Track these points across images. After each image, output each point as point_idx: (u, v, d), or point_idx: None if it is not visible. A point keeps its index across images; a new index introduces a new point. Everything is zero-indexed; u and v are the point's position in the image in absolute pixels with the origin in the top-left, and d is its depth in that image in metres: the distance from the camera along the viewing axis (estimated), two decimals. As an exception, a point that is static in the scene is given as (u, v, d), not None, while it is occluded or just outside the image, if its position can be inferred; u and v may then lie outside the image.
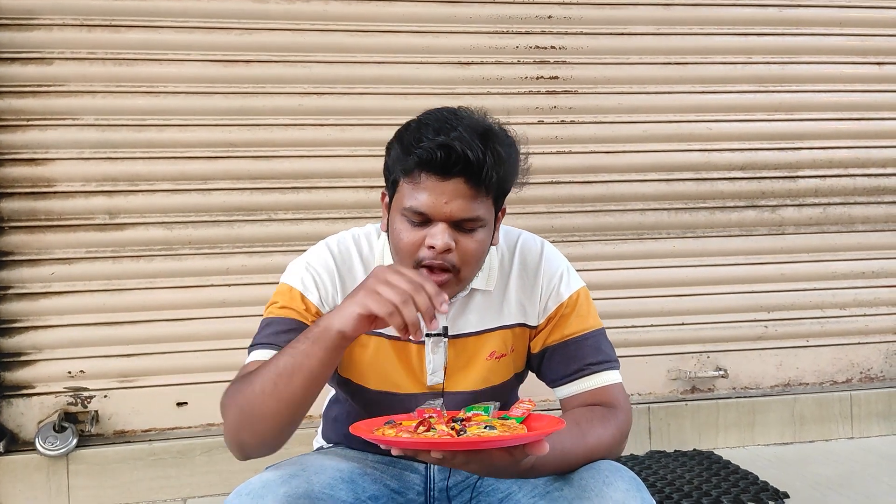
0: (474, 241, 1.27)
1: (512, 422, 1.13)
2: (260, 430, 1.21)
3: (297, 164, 2.67)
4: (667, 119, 2.91)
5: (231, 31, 2.62)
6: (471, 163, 1.21)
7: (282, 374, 1.16)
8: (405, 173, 1.26)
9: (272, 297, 1.38)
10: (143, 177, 2.58)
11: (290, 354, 1.17)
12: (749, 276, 2.98)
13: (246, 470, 1.45)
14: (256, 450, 1.24)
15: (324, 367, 1.16)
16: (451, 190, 1.23)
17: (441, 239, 1.23)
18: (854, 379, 3.07)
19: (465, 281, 1.32)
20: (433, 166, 1.22)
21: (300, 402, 1.18)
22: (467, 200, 1.24)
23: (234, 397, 1.22)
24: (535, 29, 2.81)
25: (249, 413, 1.19)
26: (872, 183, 3.06)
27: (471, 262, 1.28)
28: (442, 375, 1.40)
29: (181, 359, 2.60)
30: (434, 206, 1.23)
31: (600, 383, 1.37)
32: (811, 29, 3.00)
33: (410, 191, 1.25)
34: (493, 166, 1.23)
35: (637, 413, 2.83)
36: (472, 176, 1.23)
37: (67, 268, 2.54)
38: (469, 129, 1.23)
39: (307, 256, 1.40)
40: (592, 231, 2.87)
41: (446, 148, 1.21)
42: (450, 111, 1.29)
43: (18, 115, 2.51)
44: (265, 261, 2.64)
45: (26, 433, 2.52)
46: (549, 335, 1.41)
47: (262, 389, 1.17)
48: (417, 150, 1.22)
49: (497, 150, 1.25)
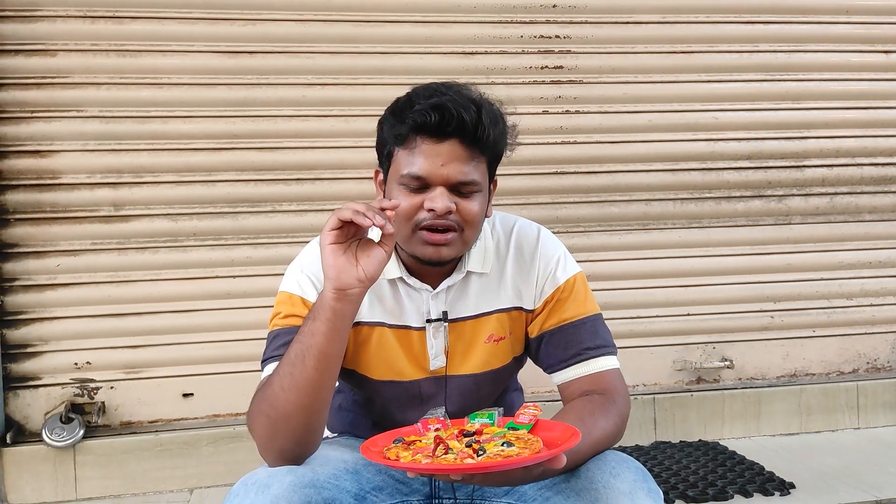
0: (474, 203, 1.29)
1: (523, 432, 1.13)
2: (292, 430, 1.20)
3: (301, 156, 2.67)
4: (672, 108, 2.90)
5: (235, 22, 2.61)
6: (465, 122, 1.24)
7: (294, 363, 1.17)
8: (400, 140, 1.28)
9: (274, 307, 1.38)
10: (147, 168, 2.58)
11: (297, 342, 1.18)
12: (755, 266, 2.97)
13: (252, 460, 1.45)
14: (295, 453, 1.23)
15: (331, 342, 1.17)
16: (447, 152, 1.25)
17: (441, 202, 1.25)
18: (860, 369, 3.06)
19: (468, 243, 1.33)
20: (428, 129, 1.24)
21: (318, 385, 1.18)
22: (463, 162, 1.26)
23: (257, 409, 1.22)
24: (540, 18, 2.80)
25: (276, 417, 1.19)
26: (879, 172, 3.04)
27: (472, 223, 1.30)
28: (444, 360, 1.40)
29: (187, 350, 2.61)
30: (431, 170, 1.25)
31: (598, 368, 1.37)
32: (818, 17, 2.97)
33: (406, 157, 1.27)
34: (487, 125, 1.26)
35: (642, 404, 2.83)
36: (467, 136, 1.25)
37: (73, 259, 2.54)
38: (459, 94, 1.27)
39: (299, 260, 1.41)
40: (598, 221, 2.86)
41: (440, 109, 1.23)
42: (438, 83, 1.31)
43: (23, 107, 2.50)
44: (270, 252, 2.64)
45: (33, 424, 2.53)
46: (546, 319, 1.41)
47: (281, 385, 1.18)
48: (411, 114, 1.24)
49: (490, 111, 1.28)
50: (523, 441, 1.09)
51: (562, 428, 1.14)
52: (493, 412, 1.20)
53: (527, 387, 1.64)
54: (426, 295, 1.39)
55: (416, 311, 1.40)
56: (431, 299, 1.39)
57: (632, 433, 2.81)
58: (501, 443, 1.08)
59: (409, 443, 1.14)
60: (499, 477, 1.08)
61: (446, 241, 1.28)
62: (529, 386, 1.65)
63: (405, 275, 1.38)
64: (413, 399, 1.42)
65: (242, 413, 2.58)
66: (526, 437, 1.11)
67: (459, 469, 1.02)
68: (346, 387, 1.51)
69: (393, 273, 1.37)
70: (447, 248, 1.29)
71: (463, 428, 1.16)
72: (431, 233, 1.27)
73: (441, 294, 1.39)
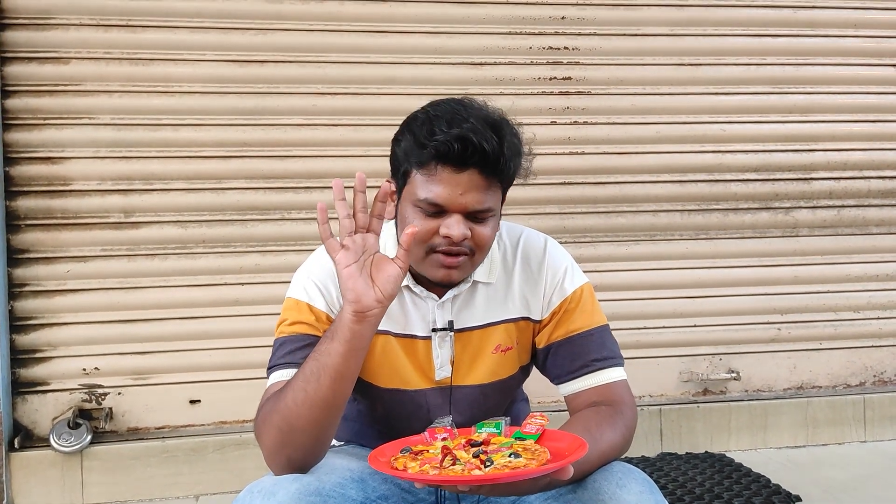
0: (487, 228, 1.30)
1: (530, 442, 1.13)
2: (302, 442, 1.20)
3: (310, 164, 2.68)
4: (680, 120, 2.90)
5: (246, 32, 2.63)
6: (487, 154, 1.23)
7: (309, 380, 1.17)
8: (419, 165, 1.27)
9: (281, 314, 1.38)
10: (158, 176, 2.60)
11: (313, 359, 1.18)
12: (762, 278, 2.96)
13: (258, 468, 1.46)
14: (302, 462, 1.23)
15: (348, 363, 1.17)
16: (466, 181, 1.25)
17: (457, 230, 1.25)
18: (867, 382, 3.05)
19: (477, 264, 1.35)
20: (449, 159, 1.24)
21: (332, 403, 1.18)
22: (481, 192, 1.26)
23: (268, 419, 1.22)
24: (549, 30, 2.81)
25: (288, 430, 1.19)
26: (887, 185, 3.04)
27: (484, 247, 1.32)
28: (449, 370, 1.40)
29: (195, 357, 2.62)
30: (450, 198, 1.25)
31: (605, 380, 1.37)
32: (826, 30, 2.98)
33: (425, 182, 1.26)
34: (507, 157, 1.26)
35: (648, 415, 2.82)
36: (487, 167, 1.25)
37: (82, 266, 2.56)
38: (481, 120, 1.25)
39: (306, 267, 1.41)
40: (605, 232, 2.87)
41: (463, 140, 1.22)
42: (457, 102, 1.30)
43: (35, 114, 2.53)
44: (279, 260, 2.65)
45: (41, 429, 2.54)
46: (554, 331, 1.41)
47: (294, 400, 1.18)
48: (433, 142, 1.23)
49: (510, 141, 1.28)
50: (530, 452, 1.09)
51: (569, 439, 1.14)
52: (500, 421, 1.20)
53: (532, 397, 1.65)
54: (432, 304, 1.39)
55: (422, 320, 1.40)
56: (437, 308, 1.39)
57: (638, 444, 2.80)
58: (509, 454, 1.08)
59: (417, 453, 1.14)
60: (506, 487, 1.08)
61: (458, 265, 1.29)
62: (535, 396, 1.65)
63: (411, 283, 1.38)
64: (419, 409, 1.42)
65: (249, 420, 2.60)
66: (533, 447, 1.11)
67: (467, 480, 1.02)
68: (352, 396, 1.51)
69: None
70: (458, 271, 1.30)
71: (470, 438, 1.16)
72: (446, 256, 1.28)
73: (447, 303, 1.39)
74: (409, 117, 1.33)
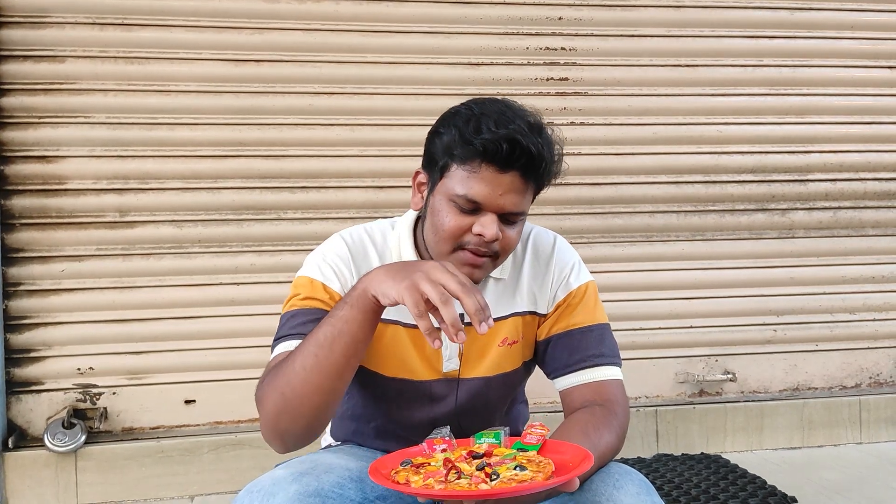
0: (515, 231, 1.31)
1: (534, 454, 1.12)
2: (302, 412, 1.18)
3: (306, 164, 2.67)
4: (677, 121, 2.91)
5: (242, 31, 2.62)
6: (532, 157, 1.24)
7: (322, 345, 1.15)
8: (462, 161, 1.26)
9: (291, 290, 1.36)
10: (153, 175, 2.59)
11: (328, 324, 1.16)
12: (758, 280, 2.97)
13: (254, 468, 1.46)
14: (296, 437, 1.22)
15: (364, 331, 1.16)
16: (507, 183, 1.25)
17: (492, 230, 1.26)
18: (863, 384, 3.06)
19: (498, 266, 1.35)
20: (496, 158, 1.24)
21: (342, 372, 1.17)
22: (519, 194, 1.27)
23: (272, 383, 1.20)
24: (546, 30, 2.81)
25: (291, 396, 1.17)
26: (883, 187, 3.05)
27: (509, 251, 1.32)
28: (457, 362, 1.40)
29: (190, 357, 2.61)
30: (489, 197, 1.25)
31: (601, 377, 1.37)
32: (822, 32, 2.99)
33: (465, 178, 1.26)
34: (548, 161, 1.27)
35: (644, 416, 2.83)
36: (529, 171, 1.26)
37: (78, 265, 2.55)
38: (526, 122, 1.26)
39: (322, 249, 1.40)
40: (601, 233, 2.87)
41: (511, 142, 1.22)
42: (501, 102, 1.30)
43: (30, 113, 2.52)
44: (274, 260, 2.65)
45: (35, 429, 2.53)
46: (555, 323, 1.42)
47: (304, 365, 1.16)
48: (479, 140, 1.23)
49: (551, 148, 1.29)
50: (535, 464, 1.08)
51: (573, 451, 1.13)
52: (499, 431, 1.19)
53: (530, 398, 1.64)
54: None
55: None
56: None
57: (634, 445, 2.80)
58: (514, 466, 1.07)
59: (419, 465, 1.11)
60: (511, 500, 1.08)
61: (482, 265, 1.29)
62: (532, 397, 1.65)
63: None
64: (422, 398, 1.42)
65: (244, 420, 2.60)
66: (537, 458, 1.10)
67: (473, 495, 1.00)
68: (351, 392, 1.50)
69: None
70: (480, 271, 1.30)
71: (472, 449, 1.15)
72: (474, 255, 1.28)
73: None
74: (451, 111, 1.32)
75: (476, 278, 1.31)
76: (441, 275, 1.08)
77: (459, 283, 1.08)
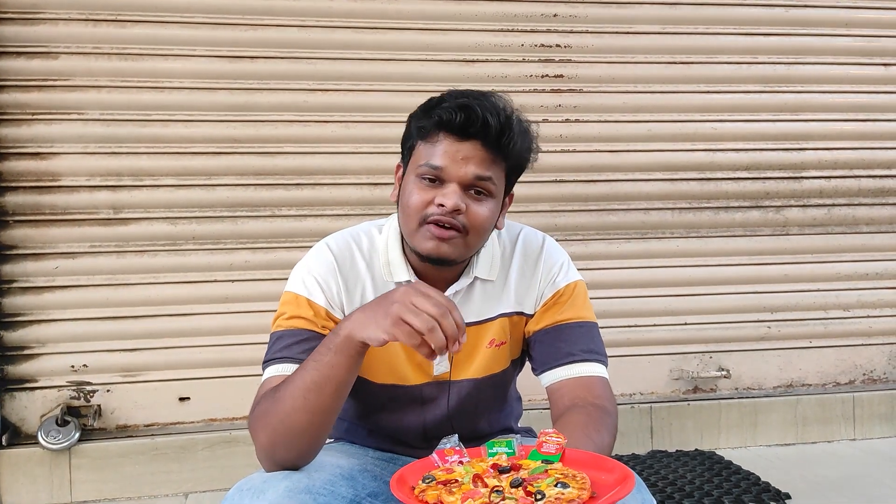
0: (484, 207, 1.30)
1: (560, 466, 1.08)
2: (296, 445, 1.20)
3: (301, 161, 2.67)
4: (671, 118, 2.91)
5: (236, 27, 2.62)
6: (489, 126, 1.26)
7: (310, 389, 1.16)
8: (423, 134, 1.30)
9: (279, 308, 1.36)
10: (147, 172, 2.58)
11: (314, 369, 1.16)
12: (752, 277, 2.97)
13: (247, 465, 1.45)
14: (293, 462, 1.22)
15: (351, 373, 1.17)
16: (467, 150, 1.27)
17: (452, 199, 1.26)
18: (857, 380, 3.06)
19: (471, 248, 1.33)
20: (452, 127, 1.26)
21: (331, 411, 1.19)
22: (481, 164, 1.28)
23: (264, 419, 1.21)
24: (541, 27, 2.81)
25: (283, 432, 1.18)
26: (877, 184, 3.05)
27: (478, 228, 1.30)
28: (448, 365, 1.41)
29: (184, 354, 2.61)
30: (448, 163, 1.27)
31: (589, 372, 1.37)
32: (817, 29, 2.99)
33: (427, 149, 1.29)
34: (513, 133, 1.28)
35: (639, 412, 2.83)
36: (490, 140, 1.27)
37: (71, 262, 2.54)
38: (490, 101, 1.29)
39: (306, 261, 1.40)
40: (596, 230, 2.87)
41: (467, 109, 1.25)
42: (476, 90, 1.33)
43: (23, 110, 2.51)
44: (269, 257, 2.64)
45: (29, 427, 2.52)
46: (542, 319, 1.42)
47: (293, 406, 1.17)
48: (438, 111, 1.27)
49: (519, 123, 1.30)
50: (571, 478, 1.05)
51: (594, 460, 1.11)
52: (511, 440, 1.15)
53: (524, 395, 1.64)
54: None
55: None
56: None
57: (628, 442, 2.81)
58: (554, 483, 1.03)
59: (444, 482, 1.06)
60: None
61: (448, 238, 1.28)
62: (526, 395, 1.65)
63: (413, 278, 1.38)
64: (414, 402, 1.42)
65: (239, 418, 2.60)
66: (570, 472, 1.07)
67: None
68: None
69: (401, 276, 1.37)
70: (447, 246, 1.29)
71: (497, 463, 1.10)
72: (437, 227, 1.27)
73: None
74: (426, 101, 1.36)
75: (444, 253, 1.29)
76: (417, 299, 1.08)
77: (436, 305, 1.07)
